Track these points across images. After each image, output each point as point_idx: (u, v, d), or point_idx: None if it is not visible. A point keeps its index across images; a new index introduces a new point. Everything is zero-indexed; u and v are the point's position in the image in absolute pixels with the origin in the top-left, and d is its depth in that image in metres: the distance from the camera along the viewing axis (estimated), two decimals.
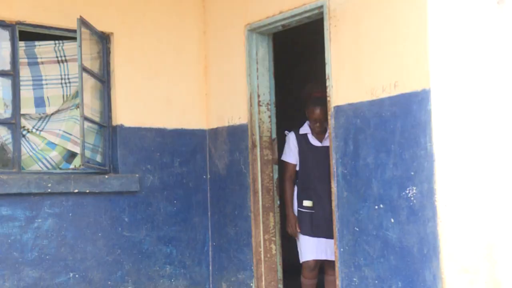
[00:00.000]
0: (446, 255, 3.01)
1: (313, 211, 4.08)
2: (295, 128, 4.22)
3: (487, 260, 3.08)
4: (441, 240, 3.02)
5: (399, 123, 3.24)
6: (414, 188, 3.15)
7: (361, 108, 3.44)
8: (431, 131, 3.09)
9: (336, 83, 3.59)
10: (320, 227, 4.02)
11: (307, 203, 4.10)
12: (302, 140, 4.18)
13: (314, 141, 4.16)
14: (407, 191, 3.19)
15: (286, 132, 4.26)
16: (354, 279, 3.43)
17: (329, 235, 3.89)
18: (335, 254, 3.58)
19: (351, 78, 3.51)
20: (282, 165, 4.24)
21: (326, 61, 3.66)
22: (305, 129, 4.20)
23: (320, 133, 4.16)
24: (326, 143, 4.12)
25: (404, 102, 3.22)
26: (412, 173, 3.16)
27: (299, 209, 4.13)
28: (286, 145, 4.22)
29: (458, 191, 3.08)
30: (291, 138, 4.22)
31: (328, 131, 3.96)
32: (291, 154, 4.19)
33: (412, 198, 3.16)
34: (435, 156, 3.07)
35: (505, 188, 3.18)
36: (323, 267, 4.19)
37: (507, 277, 3.10)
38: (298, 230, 4.11)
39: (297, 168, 4.18)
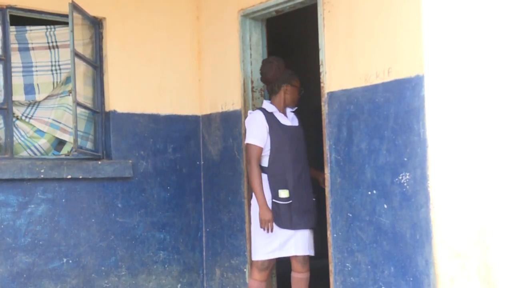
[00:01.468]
0: (439, 241, 3.03)
1: (290, 201, 3.65)
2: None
3: (479, 245, 3.10)
4: (433, 226, 3.04)
5: (393, 109, 3.25)
6: (407, 174, 3.16)
7: (354, 94, 3.44)
8: (424, 117, 3.09)
9: (330, 69, 3.59)
10: (300, 218, 3.66)
11: (283, 193, 3.66)
12: (271, 120, 3.71)
13: (284, 120, 3.75)
14: (400, 177, 3.20)
15: (249, 111, 3.83)
16: (347, 264, 3.45)
17: (308, 226, 3.68)
18: (328, 240, 3.60)
19: (344, 64, 3.51)
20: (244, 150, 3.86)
21: (320, 47, 3.65)
22: (270, 107, 3.77)
23: (283, 111, 3.80)
24: (295, 122, 3.81)
25: (397, 88, 3.22)
26: (405, 159, 3.17)
27: (274, 201, 3.65)
28: (253, 126, 3.68)
29: (451, 177, 3.10)
30: (258, 118, 3.69)
31: (293, 109, 3.84)
32: (260, 136, 3.66)
33: (405, 184, 3.17)
34: (428, 142, 3.08)
35: (497, 173, 3.20)
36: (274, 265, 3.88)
37: (499, 262, 3.12)
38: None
39: (264, 153, 3.70)
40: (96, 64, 4.20)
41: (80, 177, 3.99)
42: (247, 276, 4.05)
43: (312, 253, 3.74)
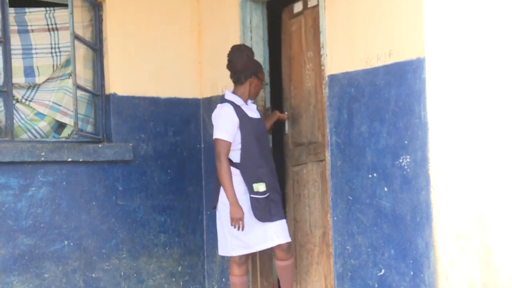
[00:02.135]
0: (439, 223, 3.05)
1: (268, 194, 3.61)
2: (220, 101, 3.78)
3: (479, 227, 3.11)
4: (434, 208, 3.05)
5: (394, 92, 3.24)
6: (408, 156, 3.17)
7: (355, 77, 3.43)
8: (425, 99, 3.09)
9: (331, 52, 3.57)
10: (277, 209, 3.64)
11: (261, 187, 3.59)
12: (240, 113, 3.63)
13: (251, 113, 3.70)
14: (401, 160, 3.20)
15: (218, 105, 3.73)
16: (348, 247, 3.47)
17: (282, 216, 3.67)
18: (328, 223, 3.61)
19: (345, 47, 3.50)
20: (210, 146, 3.79)
21: (321, 29, 3.63)
22: (237, 99, 3.69)
23: (246, 102, 3.76)
24: (258, 114, 3.77)
25: (398, 71, 3.21)
26: (406, 141, 3.17)
27: (252, 196, 3.58)
28: (222, 120, 3.59)
29: (451, 159, 3.10)
30: (229, 112, 3.60)
31: (252, 100, 3.80)
32: (230, 131, 3.57)
33: (405, 167, 3.18)
34: (429, 124, 3.08)
35: (497, 156, 3.20)
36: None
37: (498, 244, 3.14)
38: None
39: (233, 147, 3.62)
40: (96, 47, 4.18)
41: (81, 160, 3.99)
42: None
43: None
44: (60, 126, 4.22)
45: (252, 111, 3.74)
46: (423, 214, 3.09)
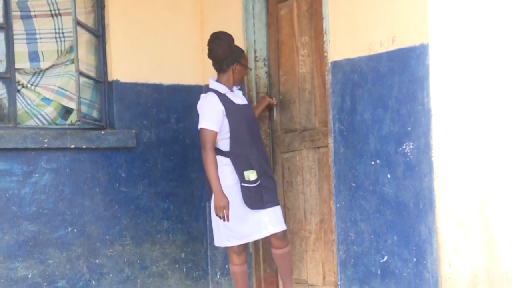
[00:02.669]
0: (442, 210, 3.04)
1: (259, 181, 3.57)
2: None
3: (482, 214, 3.11)
4: (437, 195, 3.04)
5: (397, 78, 3.23)
6: (411, 143, 3.16)
7: (358, 64, 3.42)
8: (428, 86, 3.08)
9: (334, 38, 3.56)
10: (270, 196, 3.60)
11: (252, 175, 3.55)
12: (226, 101, 3.59)
13: (237, 100, 3.66)
14: (404, 147, 3.20)
15: (202, 94, 3.71)
16: (350, 234, 3.48)
17: (278, 202, 3.65)
18: (331, 210, 3.61)
19: (348, 33, 3.48)
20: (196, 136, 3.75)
21: (324, 15, 3.61)
22: (221, 87, 3.65)
23: (230, 89, 3.70)
24: (245, 100, 3.72)
25: (402, 57, 3.20)
26: (409, 128, 3.17)
27: (243, 185, 3.54)
28: (207, 110, 3.56)
29: (455, 146, 3.09)
30: (213, 101, 3.56)
31: (238, 87, 3.75)
32: (215, 121, 3.53)
33: (408, 154, 3.17)
34: (432, 111, 3.07)
35: (501, 143, 3.20)
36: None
37: (501, 231, 3.15)
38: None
39: (221, 136, 3.59)
40: (98, 33, 4.17)
41: (84, 146, 4.00)
42: (250, 245, 4.08)
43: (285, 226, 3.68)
44: (67, 111, 4.21)
45: (238, 97, 3.69)
46: (426, 201, 3.09)
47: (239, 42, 4.18)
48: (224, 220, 3.51)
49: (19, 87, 4.03)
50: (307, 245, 3.98)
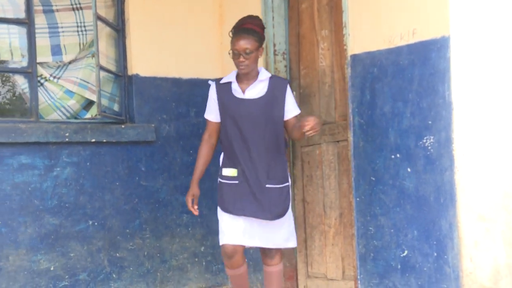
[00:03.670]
0: (463, 204, 3.01)
1: (236, 182, 3.28)
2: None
3: (504, 209, 3.07)
4: (458, 189, 3.02)
5: (417, 71, 3.20)
6: (432, 137, 3.13)
7: (378, 57, 3.39)
8: (450, 79, 3.04)
9: (353, 32, 3.53)
10: (246, 203, 3.23)
11: (228, 172, 3.30)
12: (225, 92, 3.35)
13: (237, 92, 3.32)
14: (424, 140, 3.17)
15: (209, 81, 3.53)
16: (370, 228, 3.46)
17: (263, 215, 3.22)
18: (351, 204, 3.60)
19: (368, 26, 3.45)
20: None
21: (343, 8, 3.59)
22: (229, 76, 3.40)
23: (247, 80, 3.36)
24: (252, 94, 3.31)
25: (422, 50, 3.17)
26: (430, 122, 3.14)
27: (219, 180, 3.37)
28: (208, 99, 3.47)
29: (476, 140, 3.06)
30: (210, 91, 3.43)
31: (257, 78, 3.33)
32: (210, 109, 3.43)
33: (429, 147, 3.15)
34: (453, 104, 3.04)
35: None
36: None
37: None
38: (195, 207, 3.41)
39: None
40: (118, 27, 4.19)
41: (104, 140, 4.03)
42: None
43: (287, 245, 3.38)
44: (90, 103, 4.25)
45: (252, 89, 3.32)
46: (447, 195, 3.06)
47: None
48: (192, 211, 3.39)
49: (42, 81, 4.08)
50: (326, 239, 3.97)
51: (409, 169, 3.25)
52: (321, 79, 4.00)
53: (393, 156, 3.33)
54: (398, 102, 3.29)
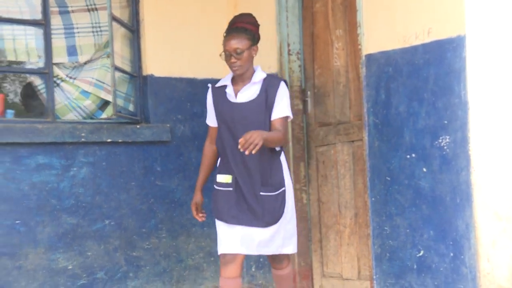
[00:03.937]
0: (480, 204, 3.00)
1: (230, 189, 3.16)
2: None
3: None
4: (474, 189, 3.00)
5: (433, 71, 3.19)
6: (447, 137, 3.12)
7: (393, 56, 3.39)
8: (465, 79, 3.03)
9: (368, 31, 3.53)
10: (240, 211, 3.12)
11: (222, 178, 3.18)
12: (219, 95, 3.22)
13: (230, 96, 3.17)
14: (440, 140, 3.16)
15: (208, 85, 3.39)
16: (386, 228, 3.46)
17: (257, 223, 3.09)
18: (366, 204, 3.59)
19: (383, 25, 3.45)
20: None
21: (358, 7, 3.59)
22: (225, 79, 3.27)
23: (242, 81, 3.20)
24: (244, 98, 3.15)
25: (438, 49, 3.16)
26: (446, 121, 3.13)
27: (214, 186, 3.24)
28: (207, 104, 3.34)
29: (493, 139, 3.04)
30: (207, 94, 3.30)
31: (251, 80, 3.16)
32: (210, 115, 3.29)
33: (445, 147, 3.13)
34: (469, 104, 3.02)
35: None
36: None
37: None
38: (201, 215, 3.35)
39: None
40: (133, 28, 4.21)
41: (120, 141, 4.05)
42: None
43: (283, 251, 3.23)
44: (105, 103, 4.28)
45: (245, 91, 3.18)
46: (463, 195, 3.05)
47: (272, 35, 4.18)
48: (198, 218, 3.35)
49: (58, 81, 4.11)
50: (341, 239, 3.97)
51: (424, 169, 3.24)
52: (335, 78, 3.99)
53: (408, 156, 3.32)
54: (413, 101, 3.28)
